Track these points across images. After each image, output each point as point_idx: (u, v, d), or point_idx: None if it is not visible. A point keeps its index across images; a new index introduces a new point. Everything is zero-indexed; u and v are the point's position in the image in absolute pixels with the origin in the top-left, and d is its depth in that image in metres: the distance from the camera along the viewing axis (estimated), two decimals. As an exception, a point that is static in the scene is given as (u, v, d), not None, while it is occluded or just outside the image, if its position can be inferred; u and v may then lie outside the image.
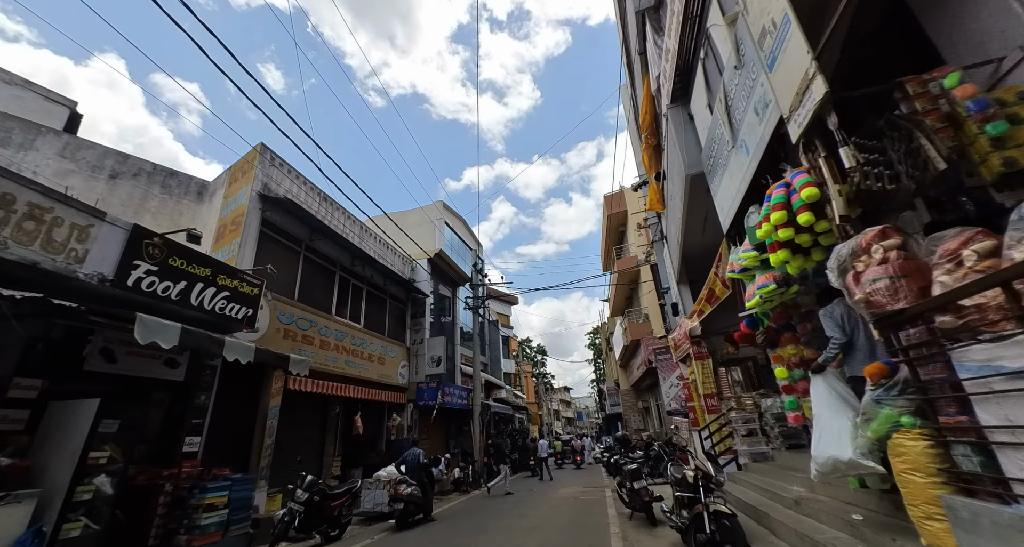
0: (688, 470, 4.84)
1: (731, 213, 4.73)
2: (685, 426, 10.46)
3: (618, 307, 22.30)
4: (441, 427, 15.78)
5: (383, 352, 12.37)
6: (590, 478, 15.28)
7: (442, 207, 20.23)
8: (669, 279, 10.67)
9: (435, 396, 13.15)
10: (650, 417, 21.22)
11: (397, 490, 7.48)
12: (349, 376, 10.68)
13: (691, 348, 9.39)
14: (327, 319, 10.16)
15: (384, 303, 13.24)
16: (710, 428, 8.09)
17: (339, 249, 10.94)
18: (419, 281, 14.87)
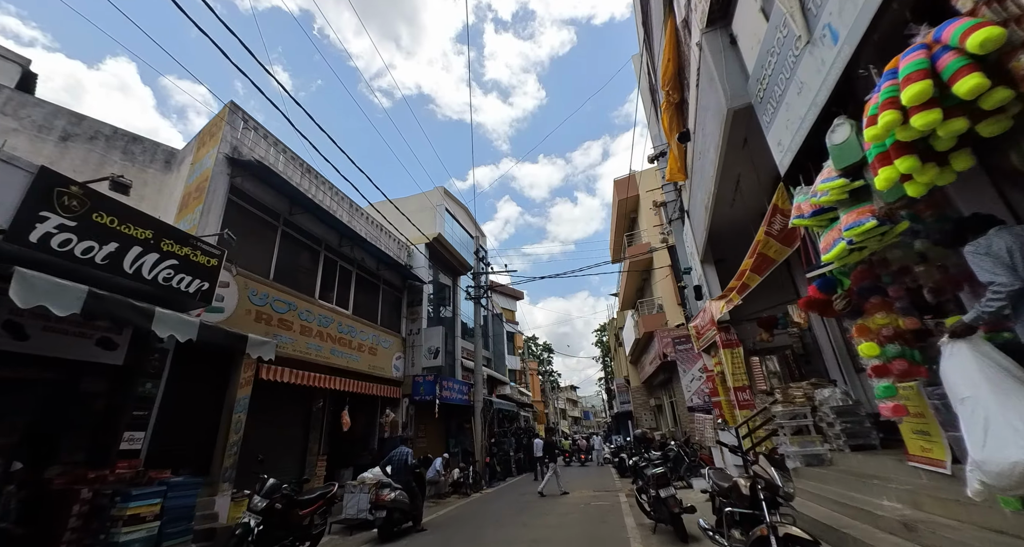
0: (742, 479, 3.71)
1: (796, 142, 3.60)
2: (709, 424, 9.34)
3: (629, 299, 21.12)
4: (440, 425, 14.74)
5: (375, 342, 11.34)
6: (600, 480, 14.15)
7: (443, 193, 19.20)
8: (691, 259, 9.53)
9: (432, 391, 12.11)
10: (663, 415, 20.03)
11: (379, 495, 6.43)
12: (335, 367, 9.65)
13: (718, 335, 8.24)
14: (309, 303, 9.14)
15: (377, 289, 12.21)
16: (749, 424, 6.94)
17: (324, 227, 9.91)
18: (416, 267, 13.83)
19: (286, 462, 8.96)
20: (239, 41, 5.30)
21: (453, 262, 16.11)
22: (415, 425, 12.52)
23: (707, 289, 8.87)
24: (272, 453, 8.54)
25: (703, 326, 9.23)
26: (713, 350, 9.29)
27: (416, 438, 12.84)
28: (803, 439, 5.47)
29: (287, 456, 9.02)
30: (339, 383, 9.57)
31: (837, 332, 7.38)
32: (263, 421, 8.40)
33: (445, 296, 16.07)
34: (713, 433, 9.25)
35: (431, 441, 13.62)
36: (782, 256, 4.90)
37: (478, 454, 14.02)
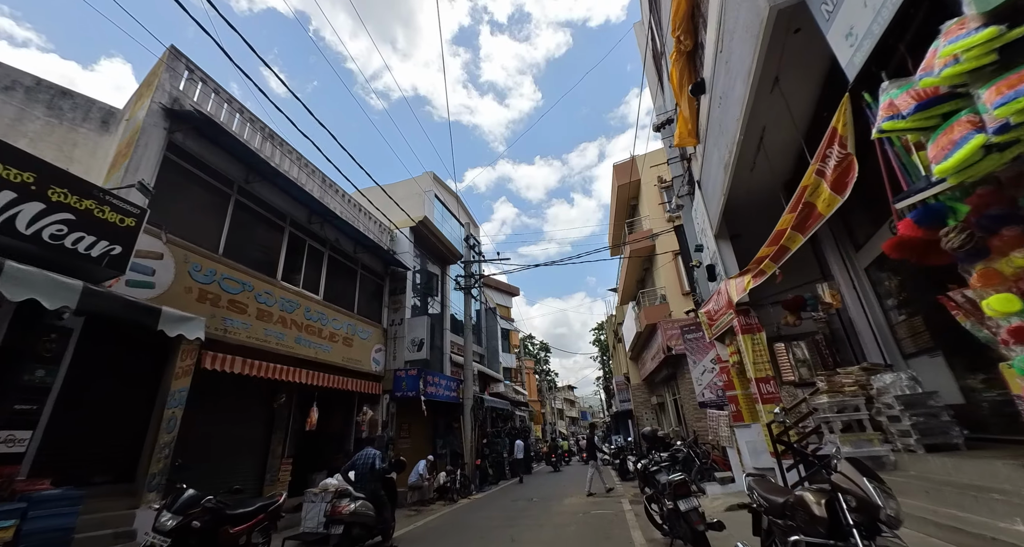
0: (810, 493, 2.61)
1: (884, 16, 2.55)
2: (724, 421, 8.29)
3: (629, 292, 20.06)
4: (426, 424, 13.61)
5: (351, 331, 10.22)
6: (600, 484, 13.05)
7: (432, 179, 18.09)
8: (703, 236, 8.48)
9: (415, 386, 10.99)
10: (665, 414, 18.97)
11: (336, 507, 5.31)
12: (302, 357, 8.52)
13: (736, 319, 7.18)
14: (270, 284, 8.01)
15: (354, 274, 11.08)
16: (785, 420, 5.83)
17: (290, 200, 8.78)
18: (400, 252, 12.71)
19: (244, 466, 7.84)
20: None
21: (441, 249, 14.99)
22: (396, 424, 11.39)
23: (722, 268, 7.80)
24: (224, 456, 7.42)
25: (717, 310, 8.16)
26: (729, 338, 8.22)
27: (398, 438, 11.72)
28: (857, 437, 4.40)
29: (245, 459, 7.88)
30: (306, 376, 8.44)
31: (878, 313, 6.33)
32: (212, 419, 7.28)
33: (433, 286, 14.95)
34: (728, 431, 8.20)
35: (416, 442, 12.50)
36: (832, 207, 3.83)
37: (467, 456, 12.91)
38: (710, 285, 9.09)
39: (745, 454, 7.81)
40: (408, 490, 10.52)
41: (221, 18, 4.69)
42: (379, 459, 6.01)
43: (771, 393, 6.72)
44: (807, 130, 5.53)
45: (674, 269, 15.12)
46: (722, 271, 7.82)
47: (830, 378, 4.88)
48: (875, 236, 6.12)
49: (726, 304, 7.62)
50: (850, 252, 6.76)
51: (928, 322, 5.07)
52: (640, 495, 9.92)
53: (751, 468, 7.76)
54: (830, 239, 7.08)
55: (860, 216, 6.44)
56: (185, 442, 6.76)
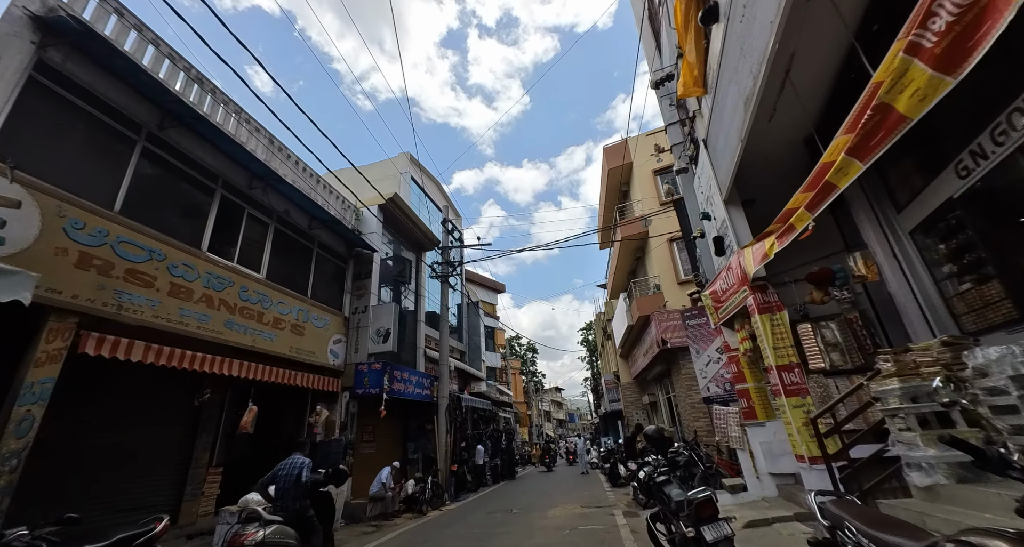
0: (980, 539, 1.36)
1: None
2: (733, 419, 7.13)
3: (619, 284, 18.94)
4: (396, 426, 12.21)
5: (302, 318, 8.80)
6: (589, 490, 11.81)
7: (409, 160, 16.71)
8: (711, 203, 7.32)
9: (379, 382, 9.60)
10: (657, 413, 17.84)
11: (238, 537, 3.93)
12: (234, 345, 7.10)
13: (752, 297, 6.01)
14: (190, 255, 6.58)
15: (308, 253, 9.66)
16: (833, 414, 4.66)
17: (224, 159, 7.36)
18: (366, 233, 11.33)
19: (155, 478, 6.39)
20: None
21: (416, 233, 13.62)
22: (358, 425, 9.98)
23: (733, 238, 6.63)
24: (126, 467, 5.98)
25: (726, 289, 7.00)
26: (739, 322, 7.06)
27: (360, 442, 10.31)
28: (933, 435, 3.20)
29: (157, 470, 6.44)
30: (239, 368, 7.02)
31: (928, 284, 5.21)
32: (109, 421, 5.84)
33: (406, 273, 13.57)
34: (739, 431, 7.02)
35: (383, 446, 11.10)
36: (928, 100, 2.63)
37: (441, 461, 11.54)
38: (715, 263, 7.93)
39: (759, 457, 6.65)
40: (369, 502, 9.13)
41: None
42: (307, 469, 4.65)
43: (796, 383, 5.55)
44: (858, 29, 4.37)
45: (669, 256, 14.01)
46: (733, 241, 6.64)
47: (898, 357, 3.68)
48: (926, 190, 5.01)
49: (738, 280, 6.45)
50: (889, 214, 5.64)
51: (1012, 289, 3.94)
52: (634, 504, 8.73)
53: (766, 473, 6.60)
54: (861, 200, 5.97)
55: (904, 168, 5.33)
56: (66, 450, 5.31)
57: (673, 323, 12.71)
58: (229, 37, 4.32)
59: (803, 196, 4.15)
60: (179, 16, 4.57)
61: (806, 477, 5.26)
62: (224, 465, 7.35)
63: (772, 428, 6.68)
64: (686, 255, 14.05)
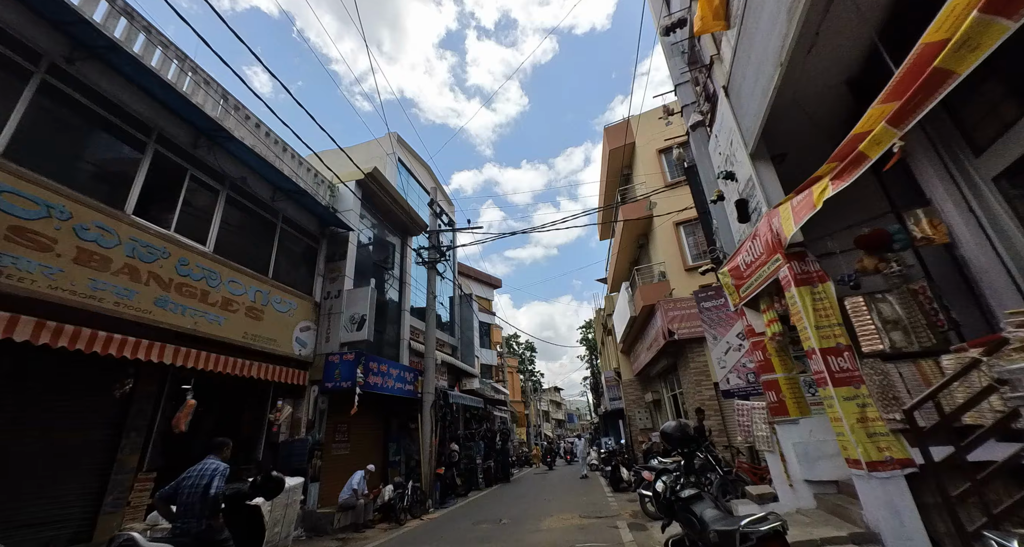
0: None
1: None
2: (759, 415, 6.03)
3: (621, 274, 17.83)
4: (375, 425, 11.10)
5: (260, 300, 7.69)
6: (589, 496, 10.71)
7: (396, 140, 15.61)
8: (733, 161, 6.22)
9: (350, 374, 8.49)
10: (661, 412, 16.74)
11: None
12: (167, 328, 5.99)
13: (786, 267, 4.92)
14: (109, 217, 5.47)
15: (271, 228, 8.54)
16: (942, 403, 3.55)
17: (160, 108, 6.25)
18: (343, 210, 10.22)
19: (68, 488, 5.28)
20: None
21: (400, 215, 12.51)
22: (328, 424, 8.86)
23: (761, 199, 5.54)
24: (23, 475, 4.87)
25: (751, 262, 5.90)
26: (766, 301, 5.97)
27: (332, 443, 9.19)
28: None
29: (70, 477, 5.32)
30: (173, 355, 5.91)
31: (1021, 242, 4.11)
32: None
33: (389, 259, 12.45)
34: (766, 430, 5.92)
35: (359, 447, 9.98)
36: None
37: (425, 464, 10.43)
38: (735, 234, 6.84)
39: (792, 460, 5.55)
40: (338, 511, 8.01)
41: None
42: (219, 478, 3.54)
43: (847, 370, 4.45)
44: None
45: (675, 240, 12.92)
46: (761, 202, 5.54)
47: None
48: (1017, 126, 3.92)
49: (768, 248, 5.36)
50: (964, 160, 4.55)
51: None
52: (642, 515, 7.63)
53: (801, 480, 5.50)
54: (924, 147, 4.88)
55: (989, 97, 4.23)
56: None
57: (681, 312, 11.63)
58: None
59: (884, 106, 3.04)
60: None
61: (863, 488, 4.15)
62: (160, 470, 6.23)
63: (807, 426, 5.59)
64: (694, 240, 12.97)
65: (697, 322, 11.48)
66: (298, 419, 8.42)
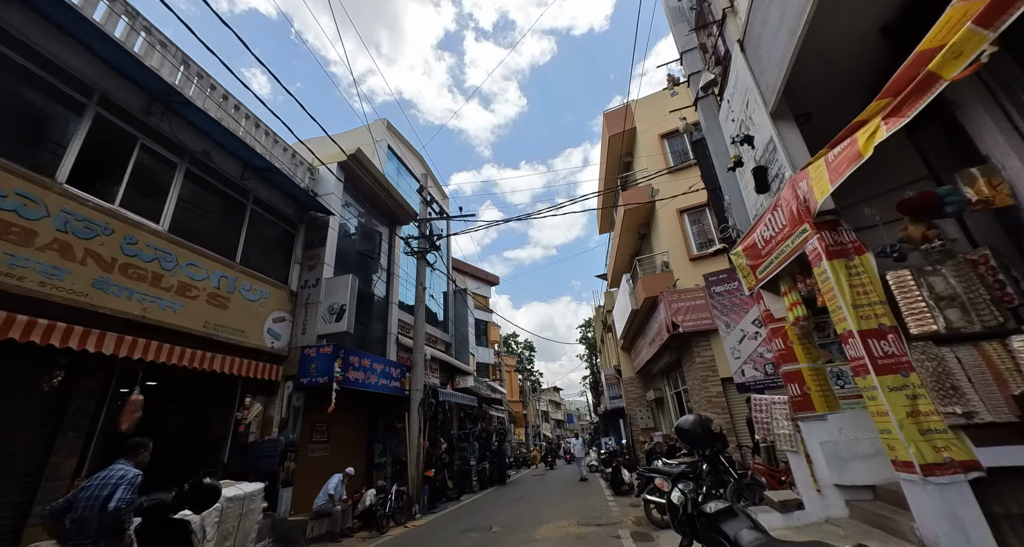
0: None
1: None
2: (780, 411, 5.32)
3: (621, 267, 17.13)
4: (359, 423, 10.39)
5: (225, 287, 6.98)
6: (588, 500, 10.00)
7: (386, 127, 14.92)
8: (749, 124, 5.53)
9: (327, 369, 7.78)
10: (664, 411, 16.03)
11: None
12: (109, 314, 5.28)
13: (816, 238, 4.24)
14: (33, 184, 4.76)
15: (239, 210, 7.83)
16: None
17: (102, 66, 5.54)
18: (323, 194, 9.52)
19: None
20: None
21: (387, 203, 11.81)
22: (304, 423, 8.14)
23: (785, 163, 4.84)
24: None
25: (771, 238, 5.22)
26: (786, 282, 5.30)
27: (309, 443, 8.48)
28: None
29: None
30: (115, 345, 5.20)
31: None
32: None
33: (375, 249, 11.75)
34: (789, 427, 5.21)
35: (341, 448, 9.27)
36: None
37: (412, 466, 9.71)
38: (751, 209, 6.14)
39: (819, 462, 4.86)
40: (311, 519, 7.30)
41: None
42: (124, 488, 2.84)
43: (892, 356, 3.77)
44: None
45: (679, 228, 12.23)
46: (784, 166, 4.85)
47: None
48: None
49: (793, 218, 4.68)
50: (1027, 106, 3.86)
51: None
52: (646, 523, 6.92)
53: (830, 485, 4.80)
54: (980, 93, 4.19)
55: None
56: None
57: (685, 304, 10.93)
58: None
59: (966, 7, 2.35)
60: None
61: (916, 495, 3.46)
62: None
63: (836, 423, 4.91)
64: (699, 228, 12.29)
65: (703, 314, 10.79)
66: (270, 418, 7.71)
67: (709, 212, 12.14)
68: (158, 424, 7.52)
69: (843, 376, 5.17)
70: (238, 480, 6.23)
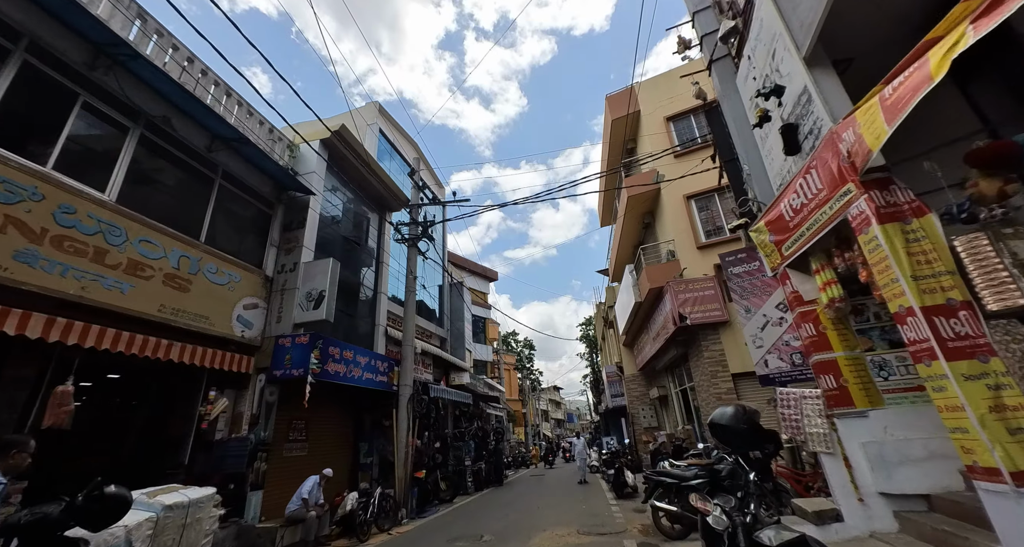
0: None
1: None
2: (813, 406, 4.60)
3: (624, 259, 16.41)
4: (343, 420, 9.70)
5: (186, 268, 6.28)
6: (588, 503, 9.30)
7: (377, 110, 14.21)
8: (777, 73, 4.81)
9: (303, 361, 7.09)
10: (668, 410, 15.33)
11: None
12: (34, 291, 4.59)
13: (864, 199, 3.54)
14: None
15: (206, 184, 7.13)
16: None
17: (34, 8, 4.84)
18: (304, 173, 8.83)
19: None
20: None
21: (376, 186, 11.11)
22: (276, 418, 7.44)
23: (823, 114, 4.12)
24: None
25: (802, 207, 4.52)
26: (818, 258, 4.60)
27: (284, 442, 7.79)
28: None
29: None
30: (42, 327, 4.50)
31: None
32: None
33: (363, 236, 11.05)
34: (823, 425, 4.49)
35: (321, 447, 8.58)
36: None
37: (400, 467, 9.01)
38: (773, 179, 5.43)
39: (861, 466, 4.15)
40: (282, 526, 6.60)
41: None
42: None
43: (967, 337, 3.06)
44: None
45: (686, 215, 11.52)
46: (822, 118, 4.13)
47: None
48: None
49: (833, 179, 3.98)
50: None
51: None
52: (653, 531, 6.22)
53: (874, 493, 4.09)
54: None
55: None
56: None
57: (693, 294, 10.23)
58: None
59: None
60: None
61: (1004, 510, 2.74)
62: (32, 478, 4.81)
63: (880, 420, 4.20)
64: (707, 214, 11.57)
65: (713, 305, 10.08)
66: (240, 414, 7.02)
67: (718, 198, 11.44)
68: (123, 421, 6.87)
69: (886, 366, 4.45)
70: (201, 484, 5.56)
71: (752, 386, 9.71)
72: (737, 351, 9.86)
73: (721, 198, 11.37)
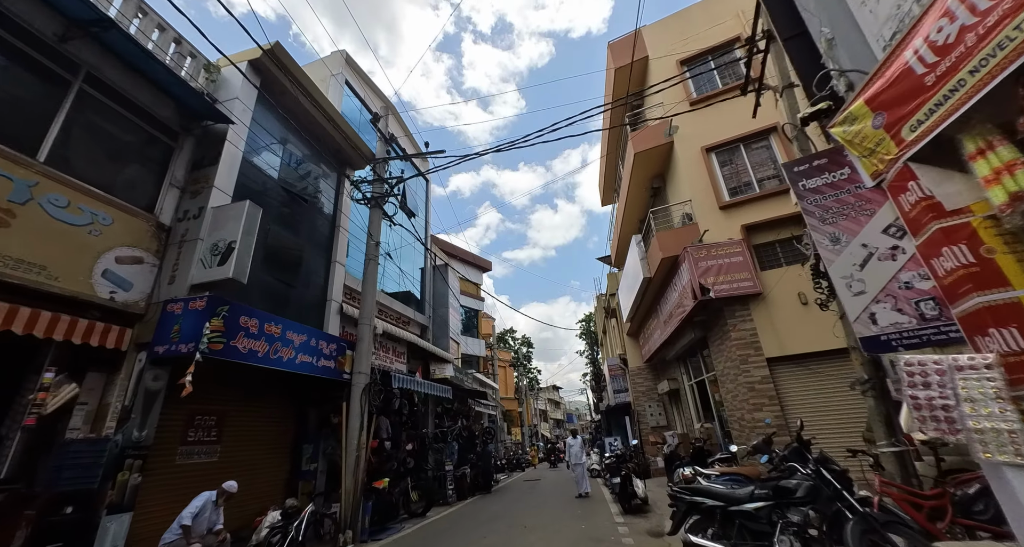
0: None
1: None
2: (978, 383, 2.73)
3: (629, 234, 14.44)
4: (278, 416, 7.74)
5: (11, 194, 4.35)
6: (588, 521, 7.33)
7: (344, 60, 12.28)
8: None
9: (195, 332, 5.14)
10: (680, 406, 13.37)
11: None
12: None
13: None
14: None
15: (61, 87, 5.18)
16: None
17: None
18: (225, 99, 6.90)
19: None
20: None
21: (327, 129, 9.17)
22: (157, 412, 5.47)
23: None
24: None
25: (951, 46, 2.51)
26: (984, 134, 2.61)
27: (179, 444, 5.83)
28: None
29: None
30: None
31: None
32: None
33: (309, 189, 9.10)
34: (998, 413, 2.60)
35: (239, 451, 6.63)
36: None
37: (349, 475, 7.04)
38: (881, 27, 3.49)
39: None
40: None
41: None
42: None
43: None
44: None
45: (705, 171, 9.59)
46: None
47: None
48: None
49: None
50: None
51: None
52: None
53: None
54: None
55: None
56: None
57: (717, 262, 8.32)
58: None
59: None
60: None
61: None
62: None
63: None
64: (731, 169, 9.62)
65: (742, 273, 8.14)
66: (107, 406, 5.07)
67: (744, 150, 9.51)
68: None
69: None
70: (14, 508, 3.62)
71: (791, 373, 7.79)
72: (773, 330, 7.94)
73: (748, 149, 9.45)
